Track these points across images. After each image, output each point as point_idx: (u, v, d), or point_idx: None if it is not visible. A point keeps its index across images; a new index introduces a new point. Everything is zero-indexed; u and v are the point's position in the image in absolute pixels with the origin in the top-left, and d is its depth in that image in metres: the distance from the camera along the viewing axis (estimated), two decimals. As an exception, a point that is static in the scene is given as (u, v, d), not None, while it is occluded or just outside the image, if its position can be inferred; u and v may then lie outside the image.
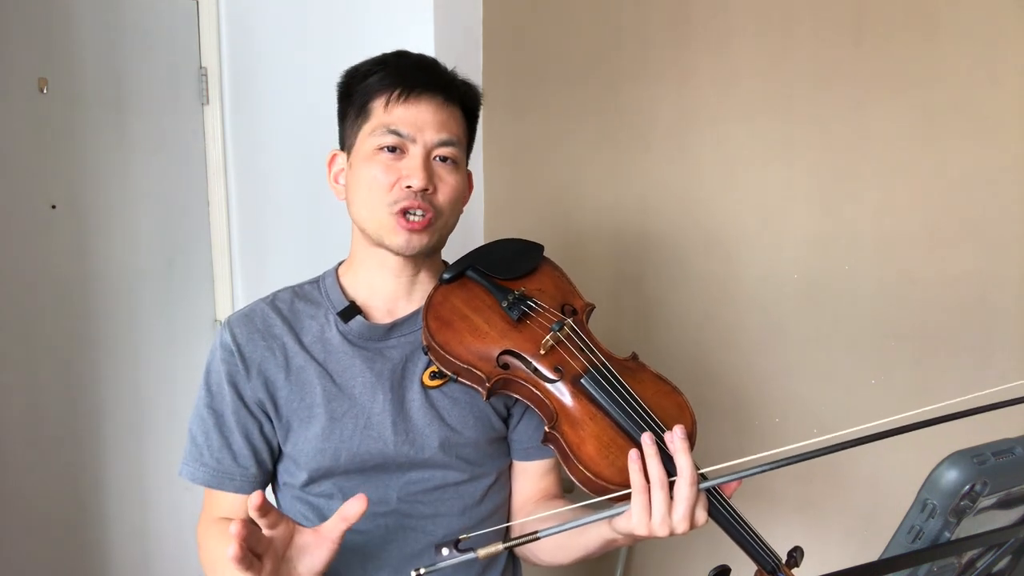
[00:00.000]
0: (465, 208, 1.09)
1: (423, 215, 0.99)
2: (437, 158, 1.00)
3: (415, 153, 0.99)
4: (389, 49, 1.06)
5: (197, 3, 1.94)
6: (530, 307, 1.01)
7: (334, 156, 1.08)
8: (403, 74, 1.01)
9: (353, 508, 0.82)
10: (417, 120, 0.99)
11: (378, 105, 1.01)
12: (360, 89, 1.02)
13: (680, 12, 1.56)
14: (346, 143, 1.06)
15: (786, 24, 1.45)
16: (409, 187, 0.98)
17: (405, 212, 0.99)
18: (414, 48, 1.07)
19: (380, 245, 1.02)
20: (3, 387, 1.58)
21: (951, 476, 0.64)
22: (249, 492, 1.03)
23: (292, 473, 1.05)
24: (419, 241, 1.00)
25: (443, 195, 1.01)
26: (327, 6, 1.82)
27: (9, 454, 1.59)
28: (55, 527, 1.68)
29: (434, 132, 0.99)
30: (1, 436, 1.58)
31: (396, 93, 0.99)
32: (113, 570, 1.80)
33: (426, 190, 0.98)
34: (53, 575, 1.68)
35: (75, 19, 1.69)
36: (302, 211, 1.92)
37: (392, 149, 0.99)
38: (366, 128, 1.01)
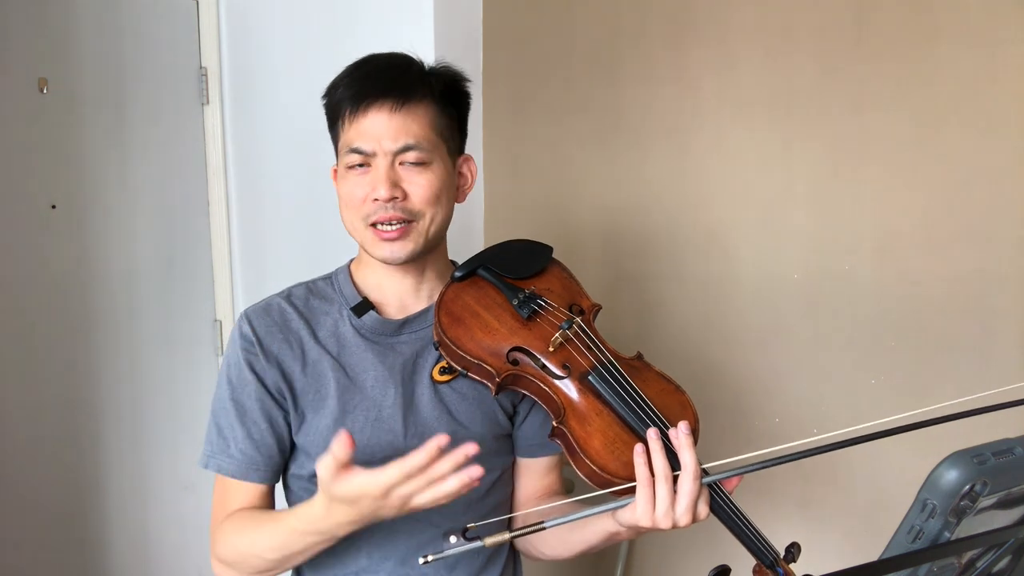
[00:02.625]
0: (465, 207, 1.09)
1: (396, 225, 1.00)
2: (405, 163, 1.01)
3: (378, 164, 1.00)
4: (389, 49, 1.07)
5: (197, 3, 1.94)
6: (540, 306, 1.02)
7: (334, 171, 1.09)
8: (357, 87, 1.01)
9: (341, 448, 0.80)
10: (372, 132, 0.99)
11: (341, 124, 1.03)
12: (330, 107, 1.05)
13: (680, 12, 1.56)
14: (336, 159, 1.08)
15: (786, 23, 1.45)
16: (377, 199, 0.99)
17: (378, 224, 1.00)
18: (413, 48, 1.07)
19: (372, 256, 1.04)
20: (3, 387, 1.58)
21: (951, 476, 0.64)
22: (272, 482, 1.06)
23: (302, 464, 1.07)
24: (401, 249, 1.01)
25: (417, 198, 1.01)
26: (327, 6, 1.82)
27: (9, 454, 1.59)
28: (55, 527, 1.68)
29: (391, 141, 0.99)
30: (1, 436, 1.58)
31: (349, 110, 1.01)
32: (113, 570, 1.81)
33: (395, 198, 0.99)
34: (53, 575, 1.68)
35: (75, 19, 1.69)
36: (302, 211, 1.92)
37: (361, 165, 1.01)
38: (339, 147, 1.04)
